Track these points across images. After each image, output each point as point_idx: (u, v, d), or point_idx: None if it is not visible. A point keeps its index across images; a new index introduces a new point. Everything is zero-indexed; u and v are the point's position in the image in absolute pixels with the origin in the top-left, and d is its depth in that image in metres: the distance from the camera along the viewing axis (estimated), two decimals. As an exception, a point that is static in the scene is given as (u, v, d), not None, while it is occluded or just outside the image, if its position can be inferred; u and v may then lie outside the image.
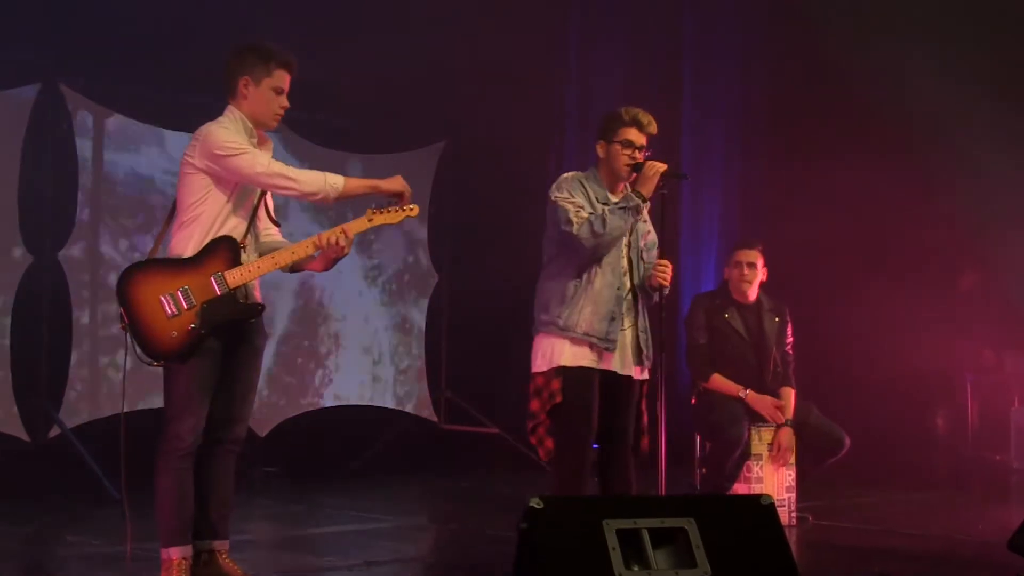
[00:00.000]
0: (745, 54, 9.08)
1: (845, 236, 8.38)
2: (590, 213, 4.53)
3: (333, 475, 7.67)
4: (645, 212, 4.73)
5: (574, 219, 4.51)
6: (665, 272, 4.59)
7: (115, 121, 7.19)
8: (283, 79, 4.14)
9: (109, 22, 6.91)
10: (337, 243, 4.09)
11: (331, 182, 4.10)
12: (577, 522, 3.31)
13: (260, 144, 4.16)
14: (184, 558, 4.05)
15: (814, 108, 8.32)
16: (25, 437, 6.79)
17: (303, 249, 4.10)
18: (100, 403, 7.05)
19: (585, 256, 4.55)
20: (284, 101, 4.16)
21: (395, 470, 7.93)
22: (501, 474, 8.04)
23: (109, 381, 7.08)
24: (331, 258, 4.16)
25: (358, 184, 4.17)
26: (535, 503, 3.26)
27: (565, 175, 4.70)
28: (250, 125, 4.13)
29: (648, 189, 4.56)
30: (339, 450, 8.03)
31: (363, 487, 7.39)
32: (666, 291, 4.67)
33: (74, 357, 7.01)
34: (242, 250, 4.08)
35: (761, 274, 6.12)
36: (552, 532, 3.27)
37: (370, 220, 4.18)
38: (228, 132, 4.06)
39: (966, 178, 7.84)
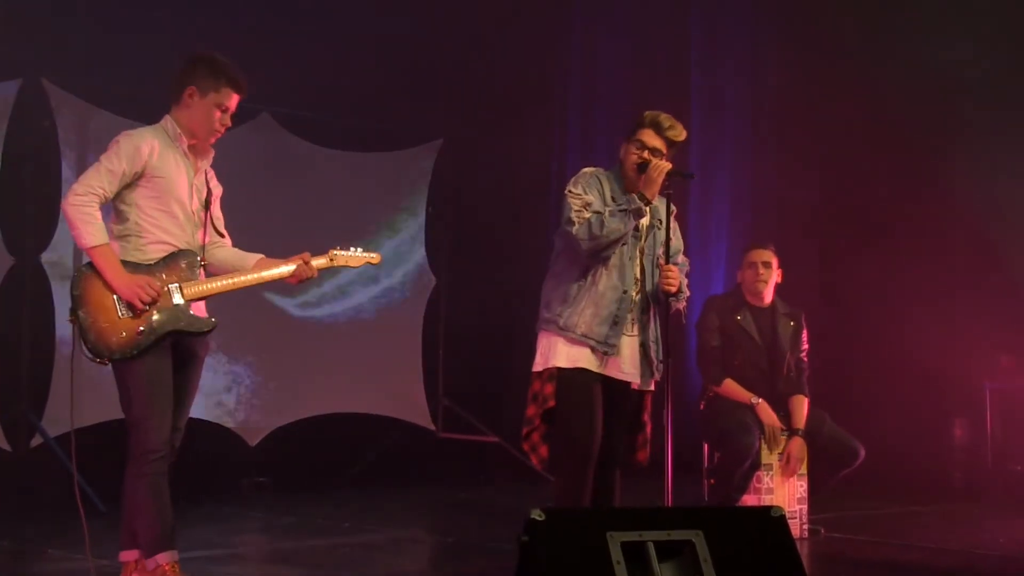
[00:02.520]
0: (755, 49, 9.07)
1: (858, 238, 8.37)
2: (594, 213, 4.53)
3: (326, 486, 7.66)
4: (672, 218, 4.72)
5: (575, 218, 4.53)
6: (670, 278, 4.58)
7: (100, 119, 7.18)
8: (229, 97, 4.24)
9: (93, 16, 6.92)
10: (303, 273, 4.31)
11: (91, 240, 4.04)
12: (580, 534, 3.30)
13: (195, 155, 4.25)
14: (174, 562, 4.11)
15: (826, 105, 8.31)
16: (6, 446, 6.79)
17: (261, 279, 4.30)
18: (84, 411, 7.03)
19: (585, 255, 4.56)
20: (227, 120, 4.27)
21: (390, 480, 7.92)
22: (501, 484, 8.04)
23: (93, 388, 7.07)
24: (300, 279, 4.36)
25: (103, 263, 4.05)
26: (536, 515, 3.26)
27: (585, 170, 4.73)
28: (177, 131, 4.21)
29: (652, 191, 4.56)
30: (332, 460, 8.02)
31: (357, 498, 7.39)
32: (681, 297, 4.65)
33: (57, 364, 7.00)
34: (201, 267, 4.23)
35: (776, 275, 6.12)
36: (554, 545, 3.26)
37: (331, 260, 4.44)
38: (116, 148, 4.10)
39: (986, 179, 7.83)
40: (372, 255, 4.52)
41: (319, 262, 4.38)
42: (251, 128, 7.70)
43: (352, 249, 4.46)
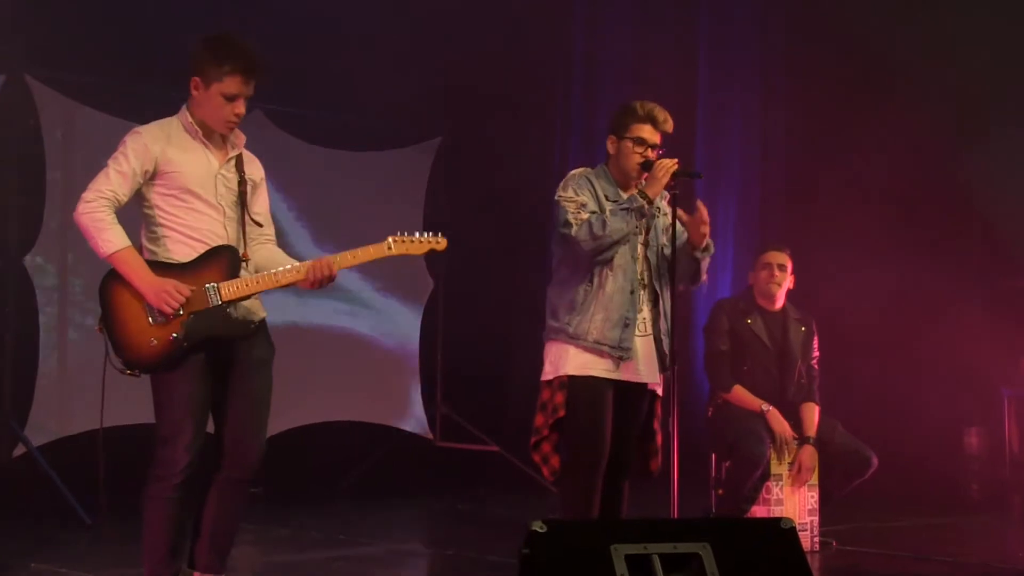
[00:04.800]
0: (764, 46, 9.07)
1: (870, 240, 8.36)
2: (591, 213, 4.53)
3: (320, 496, 7.65)
4: (674, 215, 4.70)
5: (572, 220, 4.53)
6: (704, 222, 4.56)
7: (86, 116, 7.18)
8: (236, 85, 3.99)
9: (80, 9, 6.91)
10: (330, 271, 4.07)
11: (111, 247, 3.91)
12: (583, 547, 3.29)
13: (219, 143, 4.10)
14: None
15: (837, 105, 8.30)
16: (-12, 455, 6.79)
17: (305, 271, 4.08)
18: (69, 419, 7.03)
19: (587, 259, 4.55)
20: (239, 107, 4.03)
21: (387, 491, 7.91)
22: (501, 495, 8.02)
23: (79, 396, 7.06)
24: (319, 281, 4.11)
25: (125, 268, 3.91)
26: (538, 527, 3.25)
27: (573, 172, 4.73)
28: (191, 122, 4.06)
29: (655, 190, 4.57)
30: (327, 470, 8.01)
31: (353, 509, 7.38)
32: (709, 253, 4.66)
33: (41, 370, 7.00)
34: (244, 264, 4.07)
35: (789, 280, 6.12)
36: (556, 558, 3.25)
37: (389, 248, 4.13)
38: (123, 148, 3.97)
39: (1002, 177, 7.82)
40: (438, 239, 4.15)
41: (375, 252, 4.10)
42: (243, 126, 7.67)
43: (417, 235, 4.15)
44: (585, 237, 4.49)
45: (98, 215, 3.91)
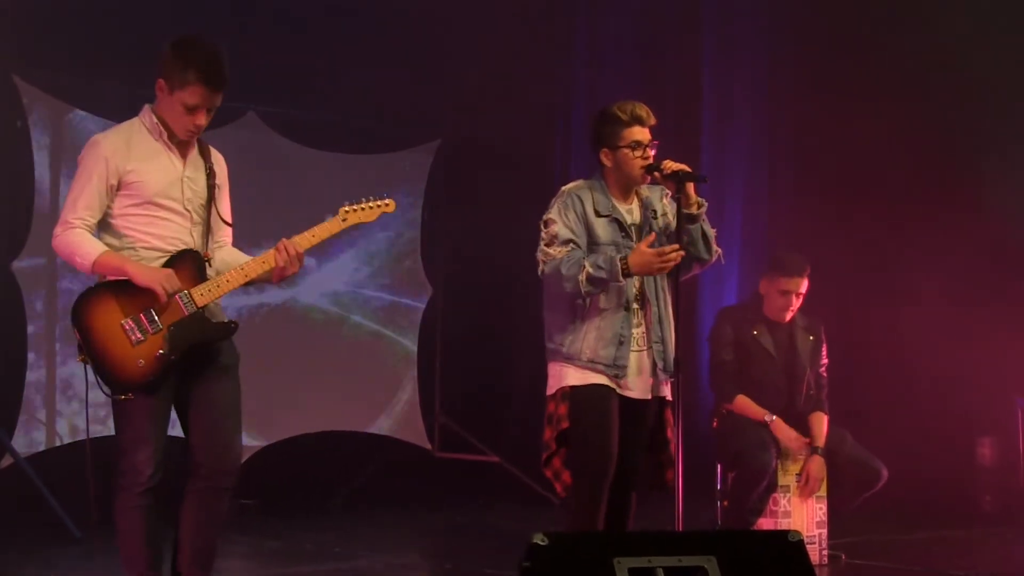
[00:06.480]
0: (770, 42, 9.07)
1: (880, 244, 8.36)
2: (564, 245, 4.47)
3: (315, 508, 7.65)
4: (678, 213, 4.64)
5: (540, 256, 4.51)
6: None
7: (75, 118, 7.18)
8: (197, 95, 3.93)
9: (68, 9, 6.92)
10: (296, 253, 4.09)
11: (90, 258, 3.95)
12: (585, 560, 3.29)
13: (180, 143, 4.07)
14: None
15: (845, 108, 8.30)
16: (-26, 466, 6.78)
17: (272, 259, 4.10)
18: (58, 430, 7.03)
19: None
20: (199, 119, 3.97)
21: (384, 502, 7.90)
22: (501, 507, 8.02)
23: (68, 405, 7.07)
24: (287, 266, 4.12)
25: (114, 264, 3.95)
26: (539, 539, 3.25)
27: (564, 188, 4.68)
28: (155, 121, 4.04)
29: (643, 267, 4.42)
30: (322, 481, 8.00)
31: (349, 522, 7.38)
32: (704, 207, 4.60)
33: (29, 378, 6.99)
34: (207, 264, 4.07)
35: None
36: (558, 571, 3.25)
37: (344, 220, 4.19)
38: (82, 166, 3.98)
39: (1013, 179, 7.82)
40: (385, 202, 4.22)
41: (331, 227, 4.16)
42: (236, 128, 7.69)
43: (363, 201, 4.20)
44: (551, 281, 4.48)
45: (68, 237, 3.95)
